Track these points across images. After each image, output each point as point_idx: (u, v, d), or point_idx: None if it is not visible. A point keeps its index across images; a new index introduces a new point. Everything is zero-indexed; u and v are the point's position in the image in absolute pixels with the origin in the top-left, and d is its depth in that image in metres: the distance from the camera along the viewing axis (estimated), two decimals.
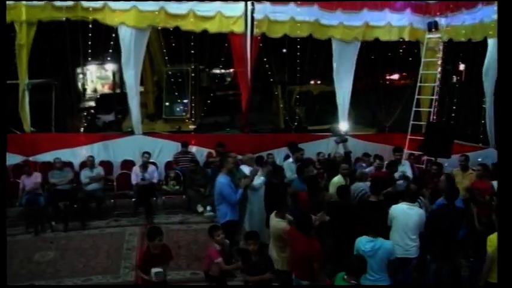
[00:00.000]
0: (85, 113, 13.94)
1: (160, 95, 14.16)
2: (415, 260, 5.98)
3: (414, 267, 6.13)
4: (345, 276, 4.73)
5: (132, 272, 7.24)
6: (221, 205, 7.10)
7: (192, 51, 11.92)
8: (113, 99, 17.08)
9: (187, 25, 10.76)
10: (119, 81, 18.07)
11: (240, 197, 7.14)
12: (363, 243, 5.35)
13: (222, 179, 7.06)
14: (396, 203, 6.29)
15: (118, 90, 18.68)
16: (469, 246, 7.10)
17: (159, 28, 11.08)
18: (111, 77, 22.00)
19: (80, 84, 17.67)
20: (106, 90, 22.53)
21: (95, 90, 22.63)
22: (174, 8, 10.53)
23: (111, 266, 7.45)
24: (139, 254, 5.47)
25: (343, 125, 11.13)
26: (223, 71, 17.81)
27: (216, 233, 5.84)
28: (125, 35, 10.48)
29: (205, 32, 11.22)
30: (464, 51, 12.11)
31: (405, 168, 8.86)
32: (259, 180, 7.59)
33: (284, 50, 12.58)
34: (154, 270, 5.30)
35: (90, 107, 16.66)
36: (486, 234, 5.23)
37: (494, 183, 7.25)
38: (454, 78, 15.20)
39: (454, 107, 12.65)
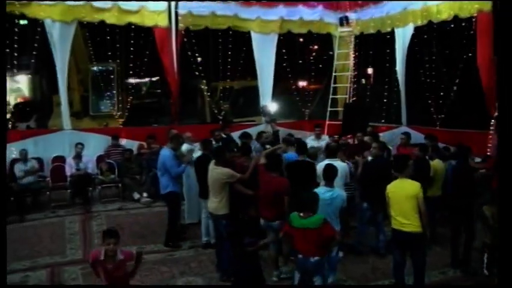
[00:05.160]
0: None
1: (86, 93, 14.07)
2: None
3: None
4: (301, 214, 5.11)
5: (79, 251, 7.40)
6: (163, 177, 7.50)
7: (118, 45, 12.11)
8: (31, 106, 16.62)
9: (111, 18, 10.97)
10: (37, 86, 17.56)
11: (182, 170, 7.58)
12: (322, 192, 5.81)
13: (165, 152, 7.49)
14: None
15: (34, 98, 18.13)
16: None
17: (85, 23, 11.19)
18: (25, 89, 21.10)
19: None
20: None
21: (8, 104, 21.62)
22: (99, 2, 10.74)
23: (56, 249, 7.51)
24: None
25: (272, 106, 11.83)
26: (138, 80, 17.86)
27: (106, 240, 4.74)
28: (52, 29, 10.50)
29: (130, 30, 11.57)
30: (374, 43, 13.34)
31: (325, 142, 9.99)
32: (197, 154, 8.04)
33: (208, 47, 13.11)
34: None
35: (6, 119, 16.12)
36: None
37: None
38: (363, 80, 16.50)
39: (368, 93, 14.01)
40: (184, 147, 8.32)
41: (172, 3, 11.50)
